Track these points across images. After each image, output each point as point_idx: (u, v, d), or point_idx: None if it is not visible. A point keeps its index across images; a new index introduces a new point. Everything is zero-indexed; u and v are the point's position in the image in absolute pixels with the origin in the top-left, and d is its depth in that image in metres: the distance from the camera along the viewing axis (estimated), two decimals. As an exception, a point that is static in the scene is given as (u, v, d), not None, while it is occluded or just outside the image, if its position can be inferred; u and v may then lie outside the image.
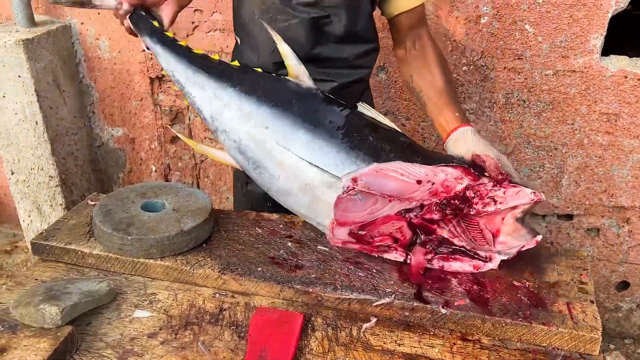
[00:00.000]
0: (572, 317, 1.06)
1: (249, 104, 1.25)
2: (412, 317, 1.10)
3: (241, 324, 1.11)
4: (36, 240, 1.30)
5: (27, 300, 1.07)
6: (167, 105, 2.44)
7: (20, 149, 2.36)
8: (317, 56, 1.38)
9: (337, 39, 1.37)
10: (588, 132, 1.99)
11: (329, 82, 1.41)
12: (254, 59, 1.42)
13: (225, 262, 1.22)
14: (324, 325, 1.10)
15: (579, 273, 1.18)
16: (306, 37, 1.35)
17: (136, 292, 1.20)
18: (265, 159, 1.25)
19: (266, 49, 1.39)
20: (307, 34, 1.35)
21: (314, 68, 1.34)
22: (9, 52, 2.15)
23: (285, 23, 1.34)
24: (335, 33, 1.36)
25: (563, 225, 2.20)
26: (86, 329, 1.10)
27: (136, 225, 1.24)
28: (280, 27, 1.34)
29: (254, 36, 1.41)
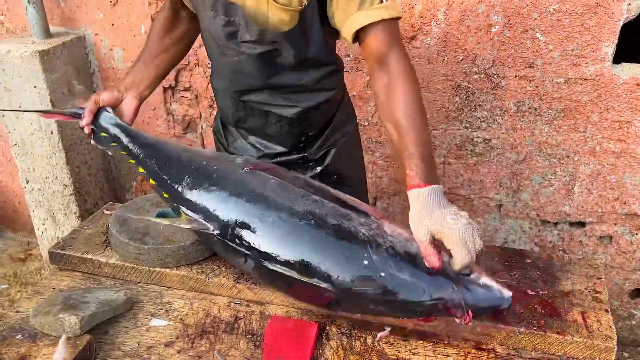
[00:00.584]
0: (586, 326, 1.06)
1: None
2: (427, 326, 1.10)
3: (256, 332, 1.12)
4: (53, 250, 1.32)
5: (47, 310, 1.09)
6: (180, 115, 2.47)
7: (35, 158, 2.39)
8: (275, 84, 1.34)
9: (290, 67, 1.31)
10: (600, 140, 1.99)
11: (293, 107, 1.37)
12: (220, 85, 1.43)
13: (240, 271, 1.23)
14: (339, 334, 1.11)
15: (593, 282, 1.18)
16: (257, 70, 1.31)
17: (152, 301, 1.22)
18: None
19: (227, 78, 1.38)
20: (259, 67, 1.31)
21: (276, 94, 1.35)
22: (25, 63, 2.19)
23: (235, 58, 1.31)
24: (286, 63, 1.30)
25: (575, 233, 2.19)
26: (104, 338, 1.11)
27: (152, 235, 1.26)
28: (232, 62, 1.33)
29: (215, 65, 1.41)
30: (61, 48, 2.28)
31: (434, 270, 1.03)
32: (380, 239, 1.07)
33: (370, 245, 1.06)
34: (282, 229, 1.11)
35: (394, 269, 1.04)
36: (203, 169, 1.25)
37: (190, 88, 2.39)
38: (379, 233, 1.08)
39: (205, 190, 1.21)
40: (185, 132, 2.50)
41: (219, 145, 1.59)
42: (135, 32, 2.34)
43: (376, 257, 1.05)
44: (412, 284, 1.03)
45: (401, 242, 1.07)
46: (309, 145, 1.46)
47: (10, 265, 2.94)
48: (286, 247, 1.09)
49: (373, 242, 1.07)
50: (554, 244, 2.24)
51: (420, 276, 1.03)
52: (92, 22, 2.39)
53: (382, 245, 1.06)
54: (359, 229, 1.09)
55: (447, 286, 1.03)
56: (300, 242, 1.09)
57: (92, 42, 2.42)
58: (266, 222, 1.12)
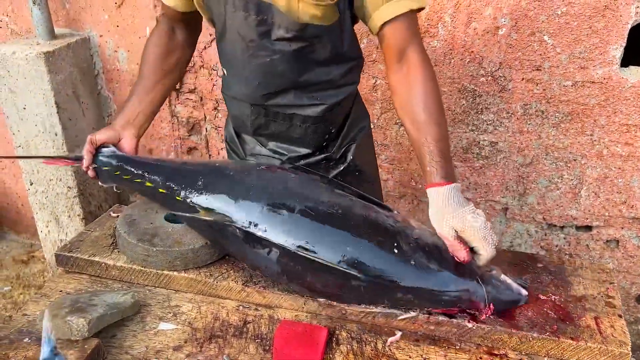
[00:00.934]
0: (600, 332, 1.05)
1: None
2: (438, 331, 1.09)
3: (265, 336, 1.11)
4: (60, 252, 1.31)
5: (54, 313, 1.07)
6: (184, 117, 2.46)
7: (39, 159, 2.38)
8: (304, 83, 1.33)
9: (323, 63, 1.31)
10: (607, 143, 1.98)
11: (320, 105, 1.36)
12: (243, 90, 1.38)
13: (249, 274, 1.22)
14: (349, 339, 1.10)
15: (605, 287, 1.17)
16: (291, 68, 1.30)
17: (160, 304, 1.20)
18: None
19: (253, 82, 1.35)
20: (292, 65, 1.29)
21: (302, 94, 1.34)
22: (31, 64, 2.18)
23: (267, 59, 1.29)
24: (321, 59, 1.30)
25: (582, 237, 2.18)
26: (111, 341, 1.10)
27: (161, 237, 1.25)
28: (263, 63, 1.30)
29: (240, 70, 1.36)
30: (66, 49, 2.28)
31: (462, 263, 1.08)
32: (408, 231, 1.11)
33: (399, 235, 1.10)
34: (310, 217, 1.12)
35: (423, 259, 1.07)
36: (216, 170, 1.25)
37: (195, 90, 2.39)
38: (405, 226, 1.13)
39: (223, 185, 1.21)
40: (189, 134, 2.50)
41: (233, 155, 1.58)
42: (140, 34, 2.33)
43: (406, 246, 1.08)
44: (441, 274, 1.07)
45: (427, 235, 1.11)
46: (331, 144, 1.46)
47: (13, 267, 2.93)
48: (314, 235, 1.10)
49: (402, 232, 1.11)
50: (560, 248, 2.23)
51: (448, 266, 1.08)
52: (97, 23, 2.38)
53: (411, 236, 1.10)
54: (386, 220, 1.13)
55: (472, 278, 1.08)
56: (329, 230, 1.11)
57: (96, 43, 2.42)
58: (292, 212, 1.12)
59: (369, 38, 2.05)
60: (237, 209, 1.16)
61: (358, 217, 1.12)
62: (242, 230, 1.14)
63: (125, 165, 1.35)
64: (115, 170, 1.36)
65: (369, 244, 1.09)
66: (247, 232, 1.13)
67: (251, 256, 1.18)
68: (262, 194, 1.17)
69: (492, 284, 1.09)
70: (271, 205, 1.14)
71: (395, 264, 1.07)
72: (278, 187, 1.18)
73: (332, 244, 1.09)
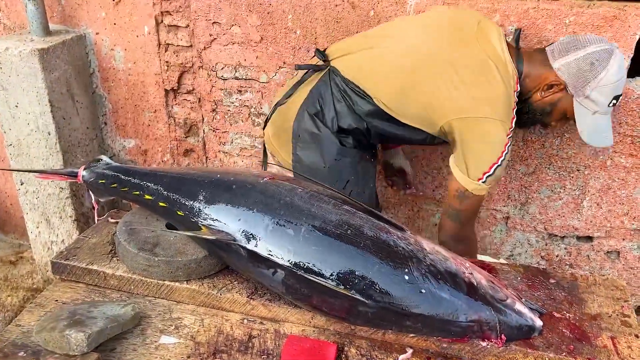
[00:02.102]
0: (617, 353, 1.02)
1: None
2: (450, 349, 1.06)
3: (272, 352, 1.07)
4: (56, 260, 1.26)
5: (52, 325, 1.03)
6: (181, 118, 2.41)
7: (32, 159, 2.31)
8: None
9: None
10: (611, 154, 1.96)
11: None
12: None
13: (254, 286, 1.18)
14: (358, 356, 1.06)
15: (620, 305, 1.15)
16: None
17: (161, 316, 1.16)
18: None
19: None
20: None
21: None
22: (24, 61, 2.12)
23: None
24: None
25: (583, 247, 2.16)
26: (111, 355, 1.06)
27: (162, 246, 1.21)
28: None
29: None
30: (61, 47, 2.21)
31: (472, 290, 1.04)
32: (420, 255, 1.06)
33: (411, 261, 1.05)
34: (317, 238, 1.06)
35: (435, 287, 1.02)
36: (218, 182, 1.20)
37: (193, 91, 2.33)
38: (418, 249, 1.08)
39: (226, 201, 1.16)
40: (186, 136, 2.44)
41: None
42: (137, 33, 2.28)
43: (417, 273, 1.03)
44: (452, 303, 1.03)
45: (440, 260, 1.06)
46: None
47: (0, 268, 2.85)
48: (322, 257, 1.05)
49: (414, 257, 1.06)
50: (561, 258, 2.21)
51: (459, 296, 1.04)
52: (93, 20, 2.32)
53: (423, 262, 1.05)
54: (398, 243, 1.07)
55: (484, 309, 1.03)
56: (337, 252, 1.06)
57: (92, 41, 2.36)
58: (299, 231, 1.07)
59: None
60: (241, 226, 1.12)
61: (368, 238, 1.07)
62: (245, 249, 1.10)
63: (122, 176, 1.31)
64: (112, 182, 1.31)
65: (379, 269, 1.04)
66: (251, 252, 1.09)
67: (255, 274, 1.14)
68: (267, 210, 1.12)
69: (505, 314, 1.05)
70: (276, 224, 1.09)
71: (405, 291, 1.03)
72: (284, 203, 1.13)
73: (340, 268, 1.04)
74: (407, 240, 1.09)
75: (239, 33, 2.15)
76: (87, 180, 1.36)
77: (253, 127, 2.32)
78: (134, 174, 1.31)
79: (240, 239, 1.10)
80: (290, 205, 1.12)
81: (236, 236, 1.11)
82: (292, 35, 2.09)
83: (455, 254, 1.14)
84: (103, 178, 1.34)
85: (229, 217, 1.14)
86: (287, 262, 1.06)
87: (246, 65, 2.19)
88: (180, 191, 1.22)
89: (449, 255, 1.09)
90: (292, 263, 1.06)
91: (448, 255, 1.09)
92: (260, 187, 1.17)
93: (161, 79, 2.32)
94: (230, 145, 2.39)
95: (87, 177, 1.36)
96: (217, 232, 1.13)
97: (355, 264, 1.04)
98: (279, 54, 2.13)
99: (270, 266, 1.09)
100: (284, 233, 1.09)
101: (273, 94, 2.22)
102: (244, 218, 1.12)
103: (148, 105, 2.41)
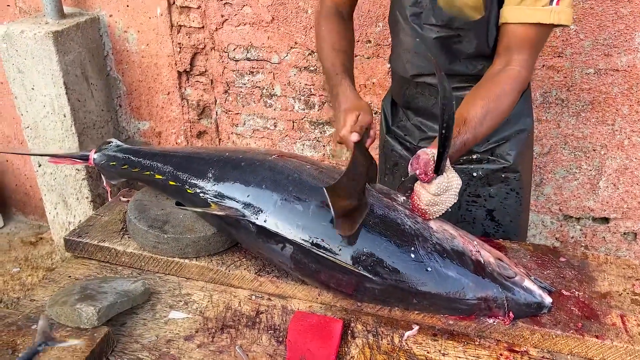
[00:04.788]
0: (626, 330, 1.01)
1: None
2: (457, 325, 1.06)
3: (278, 327, 1.08)
4: (69, 237, 1.28)
5: (63, 299, 1.05)
6: (194, 100, 2.42)
7: (48, 141, 2.35)
8: (451, 72, 1.30)
9: (470, 56, 1.28)
10: (629, 134, 1.92)
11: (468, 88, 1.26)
12: (398, 63, 1.40)
13: (262, 263, 1.19)
14: (365, 332, 1.07)
15: (631, 283, 1.13)
16: (436, 55, 1.28)
17: (170, 292, 1.18)
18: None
19: (404, 59, 1.36)
20: (437, 52, 1.28)
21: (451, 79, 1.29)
22: (39, 44, 2.14)
23: (416, 39, 1.30)
24: (467, 52, 1.27)
25: (598, 229, 2.13)
26: (121, 330, 1.07)
27: (172, 223, 1.22)
28: (411, 43, 1.31)
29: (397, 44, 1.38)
30: (75, 29, 2.23)
31: (480, 268, 1.03)
32: (426, 233, 1.06)
33: (417, 239, 1.04)
34: (326, 214, 1.06)
35: (441, 265, 1.02)
36: (227, 160, 1.21)
37: (205, 72, 2.34)
38: (425, 227, 1.07)
39: (235, 178, 1.17)
40: (199, 117, 2.46)
41: (381, 122, 1.57)
42: (150, 14, 2.28)
43: (423, 251, 1.03)
44: (458, 282, 1.02)
45: (447, 238, 1.06)
46: None
47: (21, 248, 2.92)
48: (330, 233, 1.05)
49: (420, 235, 1.05)
50: (576, 240, 2.18)
51: (466, 274, 1.03)
52: (106, 3, 2.33)
53: (429, 240, 1.04)
54: (405, 221, 1.06)
55: (492, 286, 1.02)
56: None
57: (106, 23, 2.37)
58: (308, 207, 1.08)
59: (384, 22, 1.99)
60: (250, 202, 1.12)
61: (377, 216, 1.07)
62: (254, 224, 1.10)
63: (132, 157, 1.32)
64: (123, 164, 1.33)
65: (386, 246, 1.04)
66: (260, 227, 1.10)
67: (264, 250, 1.14)
68: (276, 186, 1.12)
69: (513, 292, 1.03)
70: (285, 199, 1.10)
71: (411, 269, 1.02)
72: (292, 180, 1.13)
73: (347, 244, 1.04)
74: (414, 218, 1.08)
75: (250, 13, 2.14)
76: (99, 163, 1.38)
77: (265, 109, 2.32)
78: (144, 155, 1.33)
79: (249, 214, 1.11)
80: (299, 182, 1.13)
81: (245, 212, 1.12)
82: (303, 15, 2.07)
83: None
84: (114, 160, 1.36)
85: (237, 194, 1.15)
86: (295, 237, 1.07)
87: (257, 46, 2.19)
88: (190, 170, 1.23)
89: (457, 233, 1.08)
90: (301, 238, 1.06)
91: (455, 234, 1.07)
92: (268, 164, 1.18)
93: (174, 61, 2.33)
94: (242, 127, 2.40)
95: (98, 160, 1.37)
96: (226, 208, 1.14)
97: (363, 241, 1.04)
98: (291, 34, 2.12)
99: (279, 241, 1.09)
100: (293, 208, 1.09)
101: (284, 74, 2.22)
102: (252, 194, 1.13)
103: (162, 87, 2.42)
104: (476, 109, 1.11)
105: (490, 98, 1.13)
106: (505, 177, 1.41)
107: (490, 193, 1.42)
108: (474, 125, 1.10)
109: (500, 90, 1.14)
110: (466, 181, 1.40)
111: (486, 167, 1.40)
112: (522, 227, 1.50)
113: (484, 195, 1.43)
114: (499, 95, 1.13)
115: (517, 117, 1.39)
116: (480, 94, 1.14)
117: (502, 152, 1.39)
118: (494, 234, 1.46)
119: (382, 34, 2.00)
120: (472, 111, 1.11)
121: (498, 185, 1.41)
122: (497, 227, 1.46)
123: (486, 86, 1.16)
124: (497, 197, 1.42)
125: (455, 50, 1.27)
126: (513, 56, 1.16)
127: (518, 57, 1.16)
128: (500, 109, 1.14)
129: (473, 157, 1.41)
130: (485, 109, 1.11)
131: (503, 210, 1.44)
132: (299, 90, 2.22)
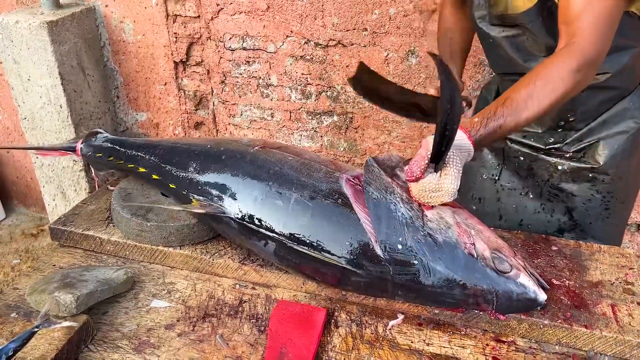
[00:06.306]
0: (617, 320, 0.98)
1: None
2: (442, 315, 1.03)
3: (261, 317, 1.06)
4: (54, 226, 1.27)
5: (42, 287, 1.04)
6: (191, 90, 2.40)
7: (45, 132, 2.35)
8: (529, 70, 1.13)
9: (542, 51, 1.20)
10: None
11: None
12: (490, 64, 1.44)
13: (246, 252, 1.17)
14: (348, 321, 1.05)
15: (624, 272, 1.10)
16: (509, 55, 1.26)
17: (154, 280, 1.16)
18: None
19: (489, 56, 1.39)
20: (510, 50, 1.25)
21: None
22: (34, 34, 2.13)
23: (489, 40, 1.29)
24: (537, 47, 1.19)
25: None
26: (102, 318, 1.06)
27: (155, 212, 1.20)
28: (486, 44, 1.34)
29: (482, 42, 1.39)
30: (70, 19, 2.22)
31: (471, 263, 0.98)
32: (418, 223, 0.99)
33: (406, 229, 0.99)
34: (307, 208, 1.04)
35: (428, 258, 0.97)
36: (208, 152, 1.19)
37: (201, 63, 2.32)
38: (419, 215, 1.01)
39: (216, 172, 1.15)
40: (196, 108, 2.44)
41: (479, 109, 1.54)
42: (146, 4, 2.27)
43: (411, 243, 0.98)
44: (446, 275, 0.97)
45: (441, 229, 1.00)
46: (567, 133, 1.32)
47: (22, 240, 2.93)
48: (312, 228, 1.03)
49: (410, 225, 0.99)
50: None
51: (455, 268, 0.97)
52: (102, -7, 2.32)
53: (420, 231, 0.99)
54: (398, 208, 1.00)
55: (481, 281, 0.97)
56: (328, 223, 1.03)
57: (102, 13, 2.36)
58: (288, 202, 1.06)
59: (380, 9, 1.96)
60: (230, 198, 1.11)
61: (370, 198, 1.02)
62: (236, 221, 1.09)
63: (118, 148, 1.31)
64: (109, 155, 1.32)
65: (370, 237, 1.00)
66: (242, 224, 1.08)
67: (247, 245, 1.13)
68: (256, 181, 1.10)
69: (505, 287, 0.97)
70: (266, 195, 1.08)
71: (398, 261, 0.99)
72: (273, 173, 1.11)
73: (330, 238, 1.02)
74: (410, 205, 1.01)
75: (246, 2, 2.12)
76: (86, 154, 1.37)
77: (262, 99, 2.30)
78: (129, 146, 1.31)
79: (230, 211, 1.10)
80: (279, 175, 1.10)
81: (226, 209, 1.10)
82: (298, 3, 2.04)
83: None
84: (100, 151, 1.35)
85: (218, 190, 1.13)
86: (277, 234, 1.05)
87: (253, 35, 2.17)
88: (172, 163, 1.22)
89: (454, 221, 1.02)
90: (282, 234, 1.04)
91: (452, 222, 1.01)
92: (249, 157, 1.16)
93: (170, 51, 2.32)
94: (240, 118, 2.38)
95: (85, 151, 1.36)
96: (207, 205, 1.12)
97: (346, 234, 1.01)
98: (286, 23, 2.09)
99: (261, 238, 1.07)
100: (273, 204, 1.07)
101: (281, 64, 2.19)
102: (233, 190, 1.11)
103: (158, 77, 2.41)
104: (519, 91, 1.02)
105: (537, 78, 1.02)
106: (592, 178, 1.30)
107: (573, 191, 1.33)
108: (515, 108, 1.01)
109: (551, 70, 1.02)
110: (550, 172, 1.34)
111: (572, 164, 1.32)
112: (606, 233, 1.36)
113: (566, 191, 1.34)
114: (548, 75, 1.01)
115: (619, 117, 1.27)
116: (529, 75, 1.04)
117: (593, 152, 1.29)
118: (568, 233, 1.37)
119: (378, 21, 1.97)
120: (515, 93, 1.02)
121: (584, 185, 1.31)
122: (574, 226, 1.37)
123: (538, 67, 1.04)
124: (580, 197, 1.33)
125: (526, 47, 1.22)
126: (572, 29, 1.03)
127: (578, 28, 1.02)
128: (550, 91, 1.01)
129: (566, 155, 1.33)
130: (529, 90, 1.01)
131: (584, 212, 1.34)
132: (296, 80, 2.19)
